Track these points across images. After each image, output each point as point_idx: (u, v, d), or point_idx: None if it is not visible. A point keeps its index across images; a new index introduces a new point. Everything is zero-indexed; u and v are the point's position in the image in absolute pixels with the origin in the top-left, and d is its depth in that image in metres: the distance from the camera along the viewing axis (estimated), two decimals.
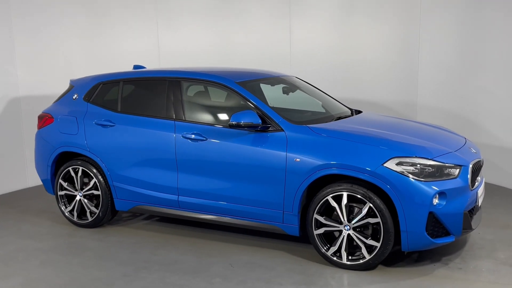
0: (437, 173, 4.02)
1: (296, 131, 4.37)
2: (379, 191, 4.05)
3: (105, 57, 7.59)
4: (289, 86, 5.45)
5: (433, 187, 3.92)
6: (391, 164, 3.96)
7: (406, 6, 7.52)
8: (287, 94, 5.39)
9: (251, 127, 4.38)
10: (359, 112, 5.50)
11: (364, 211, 4.05)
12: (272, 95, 5.44)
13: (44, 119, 5.57)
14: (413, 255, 4.44)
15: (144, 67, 5.86)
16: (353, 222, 4.10)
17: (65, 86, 6.11)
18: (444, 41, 7.11)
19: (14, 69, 6.72)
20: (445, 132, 4.97)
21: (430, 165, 4.00)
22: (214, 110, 5.01)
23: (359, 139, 4.20)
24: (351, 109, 5.54)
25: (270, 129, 4.43)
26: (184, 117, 4.84)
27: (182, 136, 4.74)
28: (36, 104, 6.74)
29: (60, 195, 5.44)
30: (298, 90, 5.47)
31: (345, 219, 4.13)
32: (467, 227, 4.18)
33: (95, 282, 4.07)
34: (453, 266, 4.25)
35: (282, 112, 4.67)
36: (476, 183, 4.39)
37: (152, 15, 8.13)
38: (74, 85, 5.63)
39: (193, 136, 4.70)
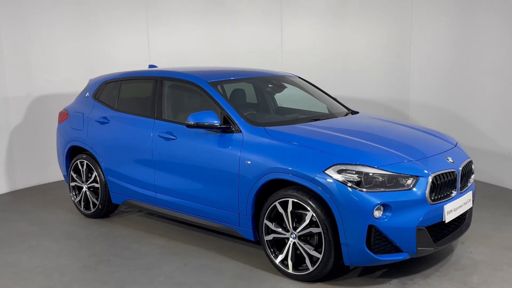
0: (388, 183, 3.68)
1: (253, 132, 4.27)
2: (323, 199, 3.81)
3: (94, 57, 7.48)
4: (277, 86, 5.31)
5: (374, 198, 3.60)
6: (331, 172, 3.71)
7: (398, 4, 7.52)
8: (273, 94, 5.25)
9: (209, 128, 4.35)
10: (355, 112, 5.22)
11: (307, 219, 3.85)
12: (286, 91, 5.41)
13: (62, 115, 6.00)
14: (369, 268, 4.12)
15: (156, 66, 6.05)
16: (297, 230, 3.91)
17: (53, 87, 6.69)
18: (435, 38, 7.11)
19: (1, 69, 6.58)
20: (429, 137, 4.53)
21: (375, 174, 3.68)
22: (188, 109, 5.04)
23: (309, 144, 3.98)
24: (350, 110, 5.28)
25: (232, 130, 4.37)
26: (163, 116, 4.94)
27: (157, 134, 4.85)
28: (25, 105, 6.85)
29: (71, 186, 5.84)
30: (288, 90, 5.31)
31: (291, 226, 3.95)
32: (426, 245, 3.79)
33: (56, 270, 4.32)
34: (409, 287, 3.87)
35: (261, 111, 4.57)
36: (453, 195, 3.94)
37: (142, 14, 7.95)
38: (89, 84, 5.99)
39: (165, 135, 4.78)
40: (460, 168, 4.07)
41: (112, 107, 5.47)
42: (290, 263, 3.99)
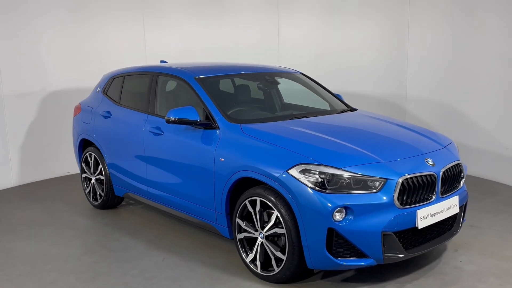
0: (355, 185, 3.53)
1: (229, 129, 4.22)
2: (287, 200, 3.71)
3: (90, 55, 7.38)
4: (269, 83, 5.22)
5: (334, 200, 3.46)
6: (294, 171, 3.60)
7: None
8: (263, 90, 5.17)
9: (188, 123, 4.34)
10: (354, 110, 5.06)
11: (273, 220, 3.76)
12: (288, 87, 5.37)
13: (76, 109, 6.22)
14: (348, 273, 3.97)
15: (166, 62, 6.13)
16: (264, 230, 3.84)
17: (48, 84, 6.81)
18: (433, 33, 7.10)
19: None
20: (417, 137, 4.30)
21: (340, 175, 3.53)
22: (179, 105, 5.03)
23: (279, 142, 3.88)
24: (350, 107, 5.12)
25: (212, 126, 4.34)
26: (155, 111, 4.99)
27: (148, 129, 4.92)
28: (19, 102, 6.82)
29: (82, 177, 6.06)
30: (291, 86, 5.23)
31: (259, 226, 3.89)
32: (395, 251, 3.60)
33: (42, 258, 4.49)
34: None
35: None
36: (431, 199, 3.72)
37: (138, 11, 7.78)
38: (101, 79, 6.17)
39: (155, 130, 4.83)
40: (441, 171, 3.82)
41: (116, 101, 5.60)
42: (258, 263, 3.92)
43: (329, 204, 3.45)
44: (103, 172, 5.66)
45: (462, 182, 4.12)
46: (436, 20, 7.04)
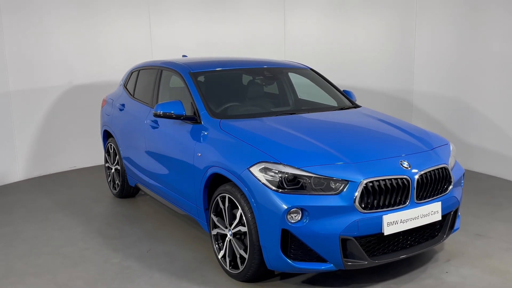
0: (316, 185, 3.40)
1: (209, 125, 4.22)
2: None
3: (96, 51, 7.39)
4: (267, 78, 5.15)
5: (288, 201, 3.34)
6: (255, 169, 3.53)
7: None
8: (263, 85, 5.09)
9: (173, 118, 4.38)
10: (357, 107, 4.88)
11: (237, 217, 3.72)
12: (301, 82, 5.37)
13: (103, 101, 6.50)
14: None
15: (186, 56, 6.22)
16: (231, 228, 3.81)
17: (55, 80, 6.94)
18: (440, 28, 7.10)
19: (3, 64, 6.57)
20: (403, 137, 4.06)
21: (299, 175, 3.41)
22: (177, 99, 5.08)
23: (248, 139, 3.82)
24: (354, 104, 4.95)
25: (197, 121, 4.36)
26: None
27: (148, 122, 5.03)
28: (27, 98, 6.87)
29: (105, 166, 6.33)
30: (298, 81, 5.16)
31: (227, 223, 3.86)
32: (356, 257, 3.43)
33: (42, 241, 4.75)
34: None
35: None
36: (405, 204, 3.50)
37: (144, 7, 7.69)
38: (126, 73, 6.38)
39: (153, 123, 4.94)
40: (417, 175, 3.57)
41: (131, 95, 5.77)
42: (227, 259, 3.89)
43: (283, 205, 3.35)
44: (119, 162, 5.87)
45: (449, 187, 3.81)
46: (443, 15, 7.02)
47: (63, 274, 4.07)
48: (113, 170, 6.09)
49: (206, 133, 4.17)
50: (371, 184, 3.41)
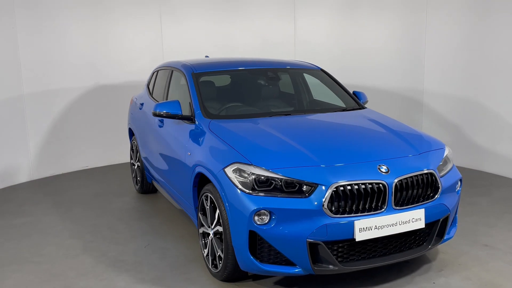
0: (287, 188, 3.37)
1: (201, 125, 4.28)
2: None
3: (108, 51, 7.45)
4: (269, 78, 5.13)
5: (255, 202, 3.33)
6: (229, 170, 3.55)
7: None
8: (268, 86, 5.08)
9: (170, 117, 4.47)
10: (362, 108, 4.78)
11: (216, 217, 3.75)
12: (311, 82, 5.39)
13: (131, 101, 6.74)
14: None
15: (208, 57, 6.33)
16: (212, 227, 3.85)
17: (67, 81, 7.04)
18: (450, 27, 7.05)
19: (17, 65, 6.65)
20: (390, 141, 3.91)
21: (268, 177, 3.39)
22: (183, 98, 5.17)
23: (229, 140, 3.84)
24: (360, 105, 4.86)
25: (193, 120, 4.44)
26: None
27: (156, 121, 5.17)
28: (39, 98, 6.95)
29: (130, 163, 6.57)
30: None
31: (209, 222, 3.90)
32: (326, 262, 3.36)
33: (55, 232, 5.00)
34: None
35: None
36: (381, 210, 3.39)
37: (155, 7, 7.70)
38: (150, 73, 6.59)
39: (159, 122, 5.07)
40: (395, 180, 3.44)
41: (150, 94, 5.95)
42: (210, 258, 3.94)
43: (250, 206, 3.34)
44: (139, 159, 6.08)
45: (436, 194, 3.63)
46: (454, 14, 6.97)
47: (60, 265, 4.27)
48: (135, 167, 6.30)
49: (197, 132, 4.23)
50: (342, 188, 3.33)
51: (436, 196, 3.64)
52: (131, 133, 6.55)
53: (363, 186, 3.37)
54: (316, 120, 4.42)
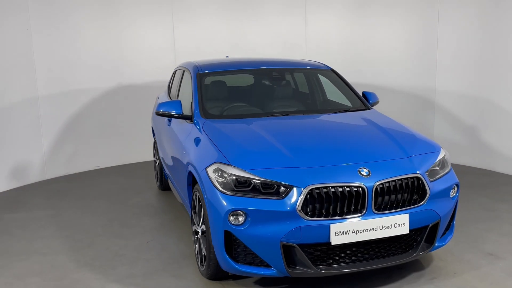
0: (264, 189, 3.37)
1: (197, 124, 4.34)
2: None
3: (120, 52, 7.46)
4: (274, 78, 5.11)
5: (231, 203, 3.35)
6: (210, 170, 3.58)
7: None
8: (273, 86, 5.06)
9: (171, 116, 4.56)
10: (367, 109, 4.70)
11: (202, 215, 3.80)
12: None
13: (155, 100, 6.92)
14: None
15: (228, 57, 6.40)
16: (199, 225, 3.90)
17: (80, 80, 7.09)
18: (463, 26, 6.97)
19: (32, 65, 6.69)
20: (378, 143, 3.81)
21: (244, 178, 3.40)
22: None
23: (217, 140, 3.87)
24: (366, 106, 4.77)
25: (192, 120, 4.51)
26: None
27: (166, 120, 5.29)
28: (55, 99, 6.97)
29: (153, 160, 6.75)
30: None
31: (197, 220, 3.95)
32: (301, 265, 3.33)
33: (71, 226, 5.21)
34: None
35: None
36: (361, 213, 3.33)
37: (167, 8, 7.65)
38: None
39: (167, 121, 5.18)
40: (375, 184, 3.35)
41: (168, 93, 6.09)
42: (199, 256, 3.99)
43: (224, 206, 3.36)
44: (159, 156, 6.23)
45: (423, 199, 3.50)
46: (466, 12, 6.88)
47: (63, 256, 4.47)
48: (156, 164, 6.46)
49: (193, 132, 4.30)
50: (317, 190, 3.28)
51: (423, 201, 3.50)
52: (153, 131, 6.72)
53: (340, 189, 3.30)
54: (310, 121, 4.38)
